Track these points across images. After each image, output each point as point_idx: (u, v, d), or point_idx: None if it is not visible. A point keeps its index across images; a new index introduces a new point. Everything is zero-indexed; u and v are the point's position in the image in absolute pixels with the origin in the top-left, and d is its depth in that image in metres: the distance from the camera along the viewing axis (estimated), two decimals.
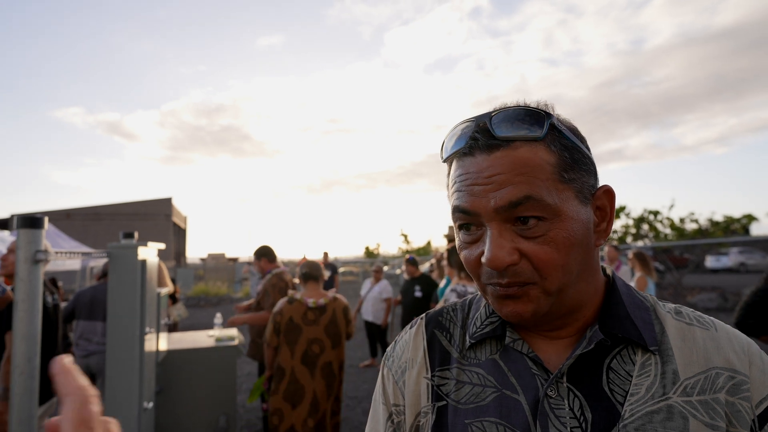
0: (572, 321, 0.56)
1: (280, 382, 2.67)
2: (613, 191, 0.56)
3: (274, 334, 2.72)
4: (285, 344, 2.70)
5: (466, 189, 0.52)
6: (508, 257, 0.49)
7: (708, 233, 14.82)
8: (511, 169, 0.49)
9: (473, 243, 0.54)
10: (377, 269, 6.37)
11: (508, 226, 0.50)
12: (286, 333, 2.71)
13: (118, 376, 2.17)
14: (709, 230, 14.94)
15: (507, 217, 0.50)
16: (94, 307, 3.52)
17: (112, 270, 2.18)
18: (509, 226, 0.50)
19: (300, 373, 2.66)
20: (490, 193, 0.50)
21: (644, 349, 0.53)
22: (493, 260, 0.49)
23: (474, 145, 0.52)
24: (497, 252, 0.49)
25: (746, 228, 15.99)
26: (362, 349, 7.53)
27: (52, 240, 6.43)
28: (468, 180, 0.52)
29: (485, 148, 0.51)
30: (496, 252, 0.49)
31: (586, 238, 0.52)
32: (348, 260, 30.95)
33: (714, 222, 15.12)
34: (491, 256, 0.49)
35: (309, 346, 2.69)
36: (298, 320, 2.71)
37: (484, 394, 0.56)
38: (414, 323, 0.69)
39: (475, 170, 0.51)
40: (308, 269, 2.89)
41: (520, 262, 0.50)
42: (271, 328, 2.73)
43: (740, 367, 0.51)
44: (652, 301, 0.59)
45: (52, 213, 25.25)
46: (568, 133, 0.53)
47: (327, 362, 2.72)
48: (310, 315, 2.74)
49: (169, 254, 25.24)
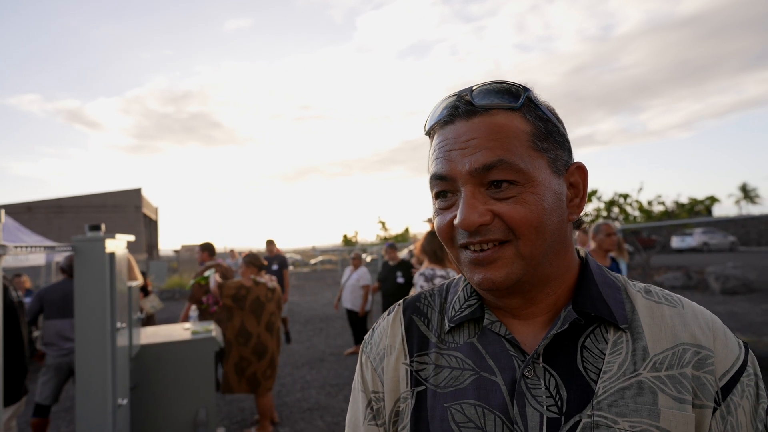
0: (544, 297, 0.57)
1: (248, 341, 3.64)
2: (585, 168, 0.57)
3: (231, 299, 3.63)
4: (251, 314, 3.67)
5: (444, 155, 0.54)
6: (480, 218, 0.51)
7: (674, 215, 15.42)
8: (487, 134, 0.52)
9: (447, 209, 0.55)
10: (355, 256, 6.36)
11: (482, 189, 0.52)
12: (252, 306, 3.66)
13: (89, 373, 2.10)
14: (675, 212, 15.54)
15: (480, 181, 0.52)
16: (67, 303, 3.39)
17: (79, 264, 2.08)
18: (483, 189, 0.52)
19: (264, 336, 3.69)
20: (466, 157, 0.52)
21: (616, 327, 0.54)
22: (465, 220, 0.51)
23: (455, 113, 0.54)
24: (469, 212, 0.51)
25: (709, 209, 16.70)
26: (342, 337, 7.55)
27: (13, 234, 6.13)
28: (446, 146, 0.54)
29: (465, 115, 0.53)
30: (467, 212, 0.51)
31: (559, 208, 0.54)
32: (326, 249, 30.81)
33: (680, 204, 15.72)
34: (463, 216, 0.51)
35: (269, 318, 3.74)
36: (262, 298, 3.71)
37: (462, 377, 0.57)
38: (392, 309, 0.69)
39: (453, 136, 0.54)
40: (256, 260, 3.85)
41: (493, 222, 0.51)
42: (232, 294, 3.63)
43: (705, 342, 0.53)
44: (623, 281, 0.61)
45: (12, 206, 24.07)
46: (545, 108, 0.56)
47: (277, 328, 3.81)
48: (269, 294, 3.77)
49: (140, 247, 24.53)
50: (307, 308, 11.15)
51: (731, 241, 24.22)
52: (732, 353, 0.53)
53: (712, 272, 10.98)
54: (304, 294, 14.42)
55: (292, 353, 6.64)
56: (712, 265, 12.23)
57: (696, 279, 11.85)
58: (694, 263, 15.64)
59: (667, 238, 23.18)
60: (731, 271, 10.69)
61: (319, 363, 6.06)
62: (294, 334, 7.97)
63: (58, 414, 4.53)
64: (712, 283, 10.77)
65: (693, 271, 12.95)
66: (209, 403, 3.38)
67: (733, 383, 0.51)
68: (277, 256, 6.82)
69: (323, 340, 7.43)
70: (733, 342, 0.54)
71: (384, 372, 0.63)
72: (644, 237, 21.89)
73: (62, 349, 3.41)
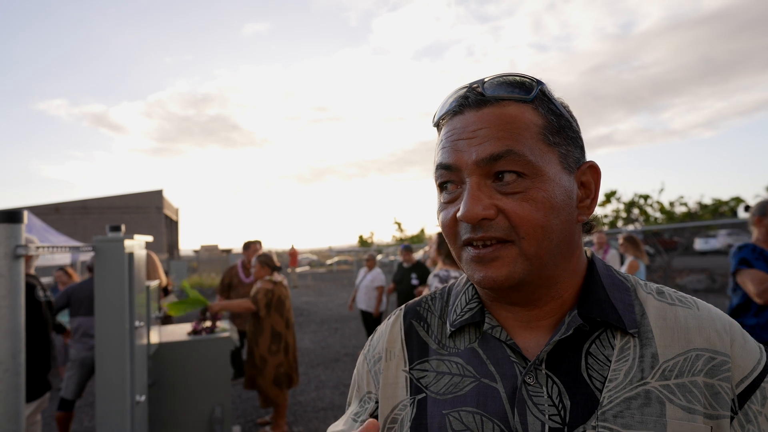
0: (548, 299, 0.54)
1: (280, 342, 3.74)
2: (598, 168, 0.55)
3: (266, 308, 3.72)
4: (278, 314, 3.75)
5: (451, 145, 0.52)
6: (483, 210, 0.48)
7: (697, 216, 14.99)
8: (497, 124, 0.50)
9: (451, 202, 0.53)
10: (369, 258, 6.38)
11: (488, 182, 0.50)
12: (277, 306, 3.76)
13: (108, 370, 2.16)
14: (697, 213, 15.11)
15: (487, 172, 0.50)
16: (93, 301, 3.50)
17: (99, 264, 2.15)
18: (488, 182, 0.50)
19: (285, 333, 3.81)
20: (473, 146, 0.50)
21: (623, 332, 0.52)
22: (468, 212, 0.48)
23: (465, 103, 0.53)
24: (473, 204, 0.48)
25: (734, 210, 16.18)
26: (357, 338, 7.57)
27: (40, 235, 6.35)
28: (454, 136, 0.52)
29: (475, 105, 0.52)
30: (471, 204, 0.49)
31: (568, 206, 0.51)
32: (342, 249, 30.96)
33: (703, 205, 15.28)
34: (466, 208, 0.49)
35: (288, 314, 3.86)
36: (282, 297, 3.83)
37: (462, 383, 0.55)
38: (394, 313, 0.69)
39: (461, 126, 0.52)
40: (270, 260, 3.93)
41: (497, 218, 0.49)
42: (266, 303, 3.73)
43: (721, 347, 0.50)
44: (633, 282, 0.58)
45: (41, 207, 24.86)
46: (558, 103, 0.54)
47: (293, 323, 3.95)
48: (285, 291, 3.91)
49: (161, 247, 25.06)
50: (322, 308, 11.22)
51: None
52: (751, 358, 0.49)
53: None
54: (320, 294, 14.50)
55: (307, 353, 6.70)
56: None
57: (720, 282, 11.51)
58: (719, 266, 15.19)
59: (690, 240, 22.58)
60: None
61: (334, 363, 6.10)
62: (309, 334, 8.03)
63: (82, 408, 4.66)
64: None
65: (717, 274, 12.58)
66: (225, 401, 3.43)
67: (752, 390, 0.48)
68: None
69: (338, 341, 7.47)
70: (753, 346, 0.51)
71: (379, 374, 0.62)
72: (666, 239, 21.34)
73: (88, 345, 3.52)
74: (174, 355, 3.35)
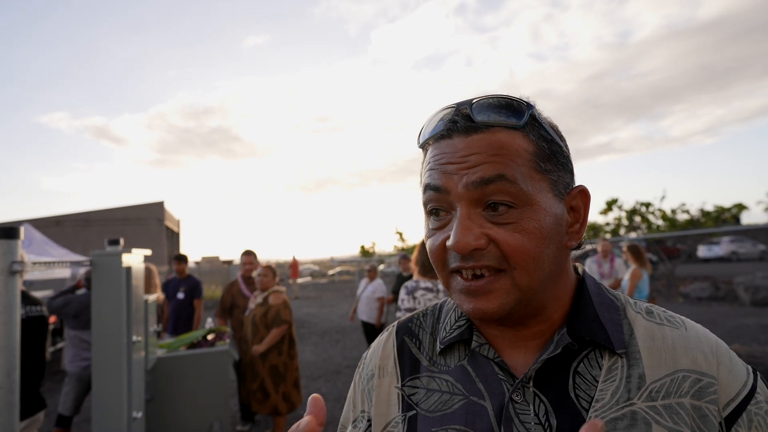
0: (537, 323, 0.54)
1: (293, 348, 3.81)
2: (588, 192, 0.55)
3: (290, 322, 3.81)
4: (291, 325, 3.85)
5: (439, 167, 0.51)
6: (475, 241, 0.47)
7: (699, 223, 14.94)
8: (487, 150, 0.49)
9: (440, 229, 0.52)
10: (371, 268, 6.35)
11: (478, 210, 0.49)
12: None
13: (104, 385, 2.14)
14: (700, 220, 15.06)
15: (478, 198, 0.49)
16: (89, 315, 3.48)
17: (96, 278, 2.14)
18: (479, 210, 0.49)
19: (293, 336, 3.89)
20: (463, 170, 0.49)
21: (611, 352, 0.52)
22: (459, 242, 0.47)
23: (453, 128, 0.51)
24: (463, 234, 0.47)
25: (737, 217, 16.13)
26: (359, 349, 7.52)
27: (40, 248, 6.35)
28: (442, 159, 0.51)
29: (463, 131, 0.50)
30: (462, 234, 0.47)
31: (558, 234, 0.51)
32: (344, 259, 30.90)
33: (705, 212, 15.23)
34: (457, 238, 0.47)
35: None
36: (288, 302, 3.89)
37: (451, 401, 0.55)
38: (387, 329, 0.69)
39: (450, 150, 0.51)
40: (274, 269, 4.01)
41: (488, 248, 0.48)
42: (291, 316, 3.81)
43: (707, 369, 0.49)
44: (623, 301, 0.58)
45: (42, 220, 24.91)
46: (548, 127, 0.53)
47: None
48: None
49: (162, 259, 25.05)
50: (324, 319, 11.16)
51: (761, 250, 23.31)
52: (738, 380, 0.49)
53: (741, 282, 10.57)
54: (322, 305, 14.44)
55: (308, 365, 6.64)
56: (741, 275, 11.78)
57: (724, 290, 11.42)
58: (722, 273, 15.09)
59: (693, 247, 22.47)
60: (761, 281, 10.27)
61: (335, 375, 6.04)
62: (310, 346, 7.98)
63: (80, 424, 4.61)
64: (741, 294, 10.36)
65: (721, 282, 12.49)
66: (224, 415, 3.40)
67: (739, 412, 0.47)
68: (188, 278, 4.82)
69: (339, 352, 7.42)
70: (740, 368, 0.50)
71: (371, 391, 0.63)
72: (669, 246, 21.24)
73: (83, 359, 3.49)
74: (173, 369, 3.32)
